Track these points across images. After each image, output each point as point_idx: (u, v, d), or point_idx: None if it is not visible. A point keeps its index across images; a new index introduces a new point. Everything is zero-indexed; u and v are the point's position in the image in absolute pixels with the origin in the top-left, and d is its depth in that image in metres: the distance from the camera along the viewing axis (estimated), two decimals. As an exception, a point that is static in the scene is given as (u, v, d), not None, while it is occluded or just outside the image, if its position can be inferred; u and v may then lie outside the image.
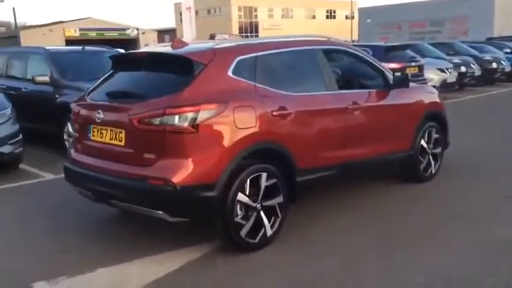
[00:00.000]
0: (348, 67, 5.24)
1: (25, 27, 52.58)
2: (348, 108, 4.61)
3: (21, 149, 6.65)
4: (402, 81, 5.14)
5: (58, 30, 48.99)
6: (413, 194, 5.28)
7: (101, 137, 3.99)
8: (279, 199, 4.05)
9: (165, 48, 4.33)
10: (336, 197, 5.12)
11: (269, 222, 3.99)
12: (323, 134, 4.41)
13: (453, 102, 13.36)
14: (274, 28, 62.56)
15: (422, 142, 5.56)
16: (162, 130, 3.55)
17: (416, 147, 5.46)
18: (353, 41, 38.47)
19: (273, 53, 4.28)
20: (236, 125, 3.72)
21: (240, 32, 61.24)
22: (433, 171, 5.73)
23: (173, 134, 3.54)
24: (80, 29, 49.72)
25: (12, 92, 8.31)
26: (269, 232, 3.97)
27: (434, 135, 5.73)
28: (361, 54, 5.10)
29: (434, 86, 13.51)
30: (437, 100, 5.87)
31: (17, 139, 6.58)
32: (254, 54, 4.10)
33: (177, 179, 3.49)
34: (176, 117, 3.53)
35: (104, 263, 3.74)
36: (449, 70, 14.16)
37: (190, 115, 3.54)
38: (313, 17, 71.92)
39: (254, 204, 3.88)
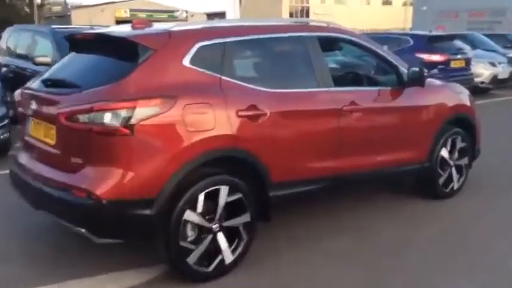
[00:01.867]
0: (351, 60, 4.42)
1: (77, 7, 53.44)
2: (344, 109, 3.79)
3: (8, 134, 6.19)
4: (416, 79, 4.24)
5: (110, 11, 49.51)
6: (427, 214, 4.41)
7: (37, 133, 3.39)
8: (245, 218, 3.33)
9: (124, 29, 3.65)
10: (333, 213, 4.33)
11: (230, 247, 3.28)
12: (307, 141, 3.62)
13: (505, 100, 12.08)
14: (325, 14, 60.78)
15: (443, 152, 4.65)
16: (89, 130, 2.89)
17: (434, 159, 4.57)
18: (403, 29, 36.54)
19: (249, 40, 3.52)
20: (186, 127, 3.01)
21: (290, 16, 59.93)
22: (455, 187, 4.82)
23: (102, 135, 2.88)
24: (131, 10, 50.04)
25: (21, 73, 7.98)
26: (228, 259, 3.26)
27: (460, 144, 4.80)
28: (369, 45, 4.24)
29: (482, 82, 12.57)
30: (466, 102, 4.92)
31: (2, 123, 6.13)
32: (222, 40, 3.35)
33: (102, 191, 2.83)
34: (107, 114, 2.85)
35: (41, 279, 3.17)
36: (502, 65, 12.78)
37: (123, 113, 2.85)
38: (368, 3, 69.35)
39: (209, 225, 3.17)
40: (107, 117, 2.85)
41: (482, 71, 12.19)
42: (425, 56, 10.69)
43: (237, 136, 3.22)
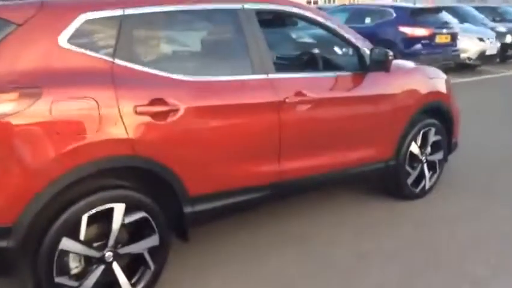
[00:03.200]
0: (300, 40, 3.65)
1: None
2: (286, 101, 3.05)
3: None
4: (380, 62, 3.50)
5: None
6: (390, 219, 3.73)
7: None
8: (152, 242, 2.63)
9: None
10: (284, 219, 3.64)
11: (132, 279, 2.60)
12: (236, 143, 2.89)
13: (492, 78, 11.40)
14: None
15: (413, 147, 3.96)
16: None
17: (402, 155, 3.87)
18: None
19: (156, 12, 2.73)
20: (56, 130, 2.27)
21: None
22: (427, 186, 4.14)
23: None
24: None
25: None
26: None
27: (433, 137, 4.11)
28: (321, 19, 3.47)
29: (470, 58, 11.80)
30: (441, 88, 4.19)
31: None
32: (117, 12, 2.57)
33: None
34: None
35: None
36: (490, 40, 12.02)
37: (-39, 112, 2.11)
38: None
39: (99, 254, 2.47)
40: None
41: (469, 47, 11.42)
42: (408, 30, 9.94)
43: (134, 140, 2.48)
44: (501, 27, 13.38)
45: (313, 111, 3.20)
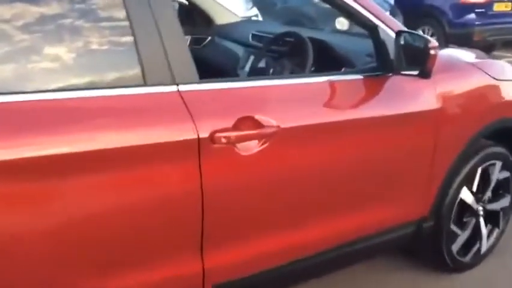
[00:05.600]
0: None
1: None
2: (216, 140, 1.56)
3: None
4: (412, 58, 1.94)
5: None
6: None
7: None
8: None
9: None
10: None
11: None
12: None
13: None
14: None
15: (464, 193, 2.40)
16: None
17: (445, 210, 2.33)
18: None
19: None
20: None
21: None
22: (483, 249, 2.59)
23: None
24: None
25: None
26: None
27: (498, 175, 2.53)
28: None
29: None
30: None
31: None
32: None
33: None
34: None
35: None
36: None
37: None
38: None
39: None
40: None
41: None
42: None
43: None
44: None
45: (276, 153, 1.70)
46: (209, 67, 2.68)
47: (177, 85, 1.54)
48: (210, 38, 3.18)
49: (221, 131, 1.56)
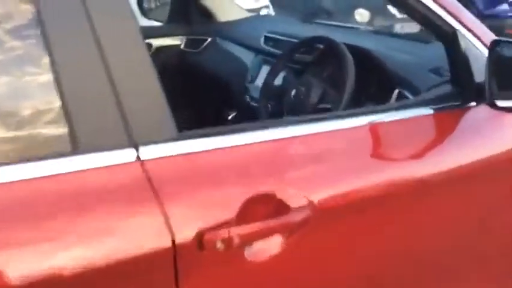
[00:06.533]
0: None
1: None
2: (204, 244, 0.87)
3: None
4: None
5: None
6: None
7: None
8: None
9: None
10: None
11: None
12: None
13: None
14: None
15: None
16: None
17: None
18: None
19: None
20: None
21: None
22: None
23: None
24: None
25: None
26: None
27: None
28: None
29: None
30: None
31: None
32: None
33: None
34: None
35: None
36: None
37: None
38: None
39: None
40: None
41: None
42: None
43: None
44: None
45: (312, 252, 1.01)
46: (207, 78, 2.10)
47: (135, 147, 0.86)
48: (210, 39, 2.48)
49: (215, 228, 0.88)
